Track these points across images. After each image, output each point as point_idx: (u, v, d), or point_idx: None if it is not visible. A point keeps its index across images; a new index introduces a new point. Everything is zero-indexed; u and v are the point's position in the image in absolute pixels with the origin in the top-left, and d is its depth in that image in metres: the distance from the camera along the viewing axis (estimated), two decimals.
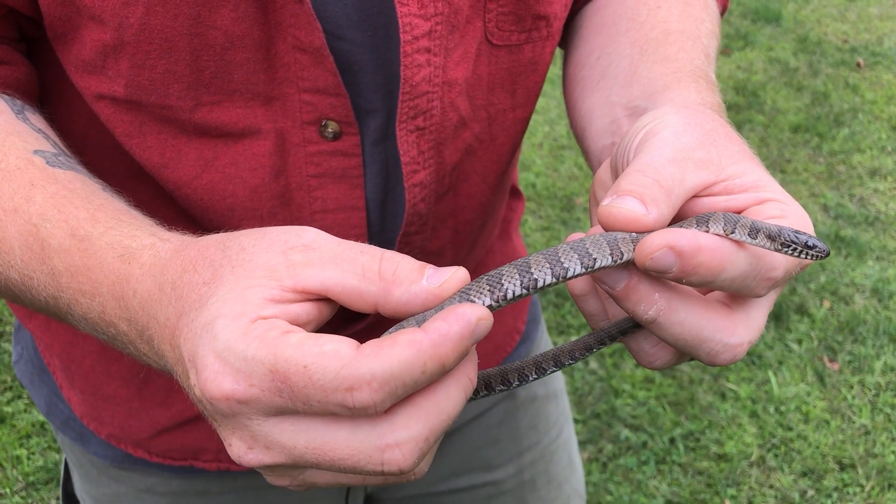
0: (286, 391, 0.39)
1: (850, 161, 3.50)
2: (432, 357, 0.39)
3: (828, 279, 2.80)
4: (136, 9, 0.57)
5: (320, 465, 0.41)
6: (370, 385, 0.38)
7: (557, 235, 3.00)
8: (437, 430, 0.41)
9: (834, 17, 4.94)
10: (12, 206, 0.54)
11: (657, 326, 0.46)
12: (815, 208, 3.18)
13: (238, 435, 0.42)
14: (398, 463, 0.40)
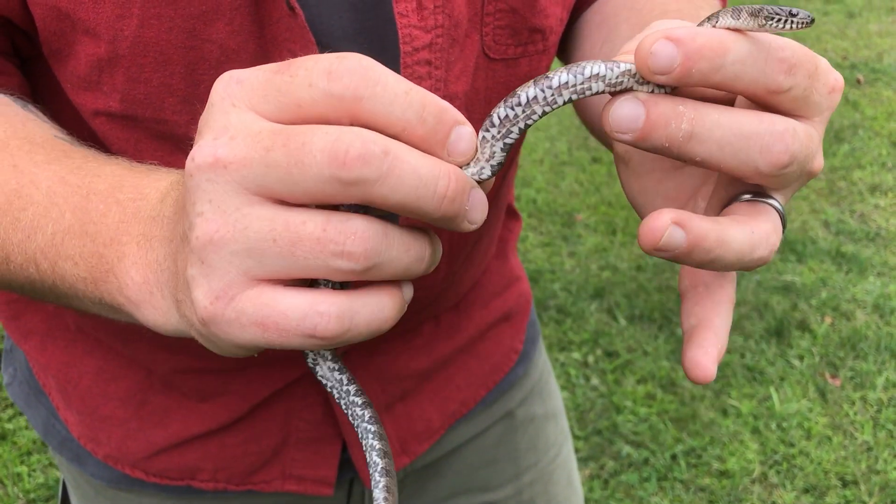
0: (284, 66, 0.38)
1: (851, 177, 3.50)
2: (419, 91, 0.38)
3: (829, 295, 2.80)
4: (131, 21, 0.57)
5: (273, 147, 0.37)
6: (359, 60, 0.37)
7: (559, 251, 3.00)
8: (397, 169, 0.38)
9: (833, 35, 4.96)
10: (48, 159, 0.54)
11: (697, 140, 0.40)
12: (816, 224, 3.18)
13: (213, 128, 0.39)
14: (350, 143, 0.36)
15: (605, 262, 2.95)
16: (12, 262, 0.53)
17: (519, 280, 0.97)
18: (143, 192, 0.48)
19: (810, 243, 3.06)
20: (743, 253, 0.41)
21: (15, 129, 0.57)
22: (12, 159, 0.54)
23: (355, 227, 0.38)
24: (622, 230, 3.13)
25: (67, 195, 0.51)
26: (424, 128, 0.37)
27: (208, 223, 0.38)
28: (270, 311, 0.38)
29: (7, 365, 0.90)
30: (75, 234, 0.49)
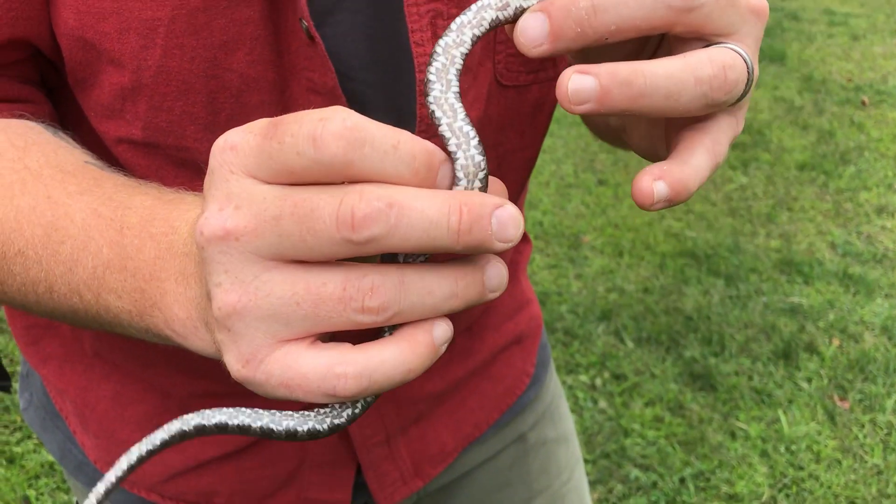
0: (271, 130, 0.38)
1: (857, 199, 3.51)
2: (407, 142, 0.38)
3: (836, 317, 2.79)
4: (154, 52, 0.58)
5: (282, 215, 0.37)
6: (343, 121, 0.37)
7: (565, 273, 3.00)
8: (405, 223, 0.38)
9: (838, 57, 4.99)
10: (80, 189, 0.55)
11: (602, 11, 0.41)
12: (823, 246, 3.19)
13: (217, 197, 0.39)
14: (355, 205, 0.37)
15: (612, 283, 2.96)
16: (56, 293, 0.54)
17: (530, 303, 0.98)
18: (175, 226, 0.49)
19: (817, 265, 3.06)
20: (711, 170, 0.44)
21: (48, 158, 0.58)
22: (46, 190, 0.55)
23: (371, 282, 0.38)
24: (629, 252, 3.13)
25: (102, 229, 0.51)
26: (418, 178, 0.38)
27: (228, 294, 0.39)
28: (294, 374, 0.39)
29: (23, 390, 0.91)
30: (115, 269, 0.50)
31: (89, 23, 0.58)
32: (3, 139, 0.59)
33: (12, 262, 0.55)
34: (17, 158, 0.57)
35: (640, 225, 3.29)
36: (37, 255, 0.54)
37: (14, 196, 0.55)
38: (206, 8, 0.58)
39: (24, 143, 0.59)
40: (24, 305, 0.58)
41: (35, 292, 0.55)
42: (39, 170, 0.57)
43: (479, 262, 0.41)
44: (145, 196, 0.53)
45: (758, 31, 0.45)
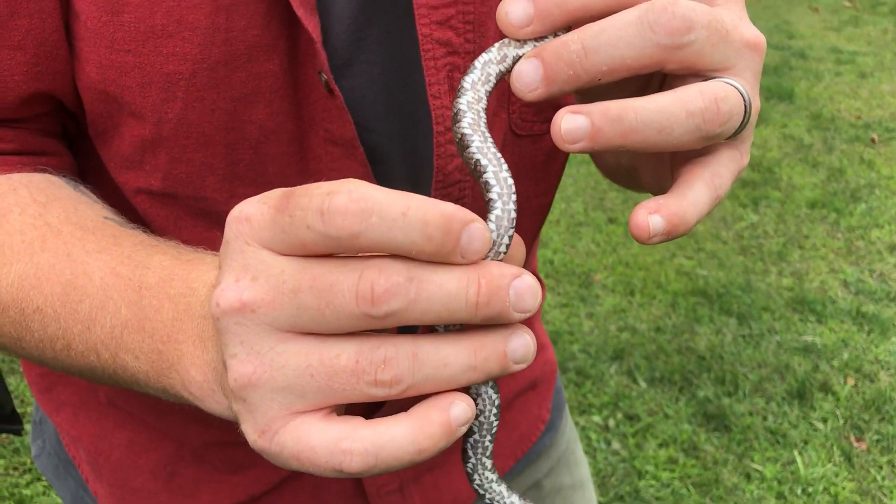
0: (283, 203, 0.37)
1: (869, 236, 3.50)
2: (418, 207, 0.37)
3: (851, 356, 2.77)
4: (175, 105, 0.59)
5: (300, 288, 0.37)
6: (350, 193, 0.36)
7: (577, 312, 2.99)
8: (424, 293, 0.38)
9: (846, 94, 5.00)
10: (99, 247, 0.55)
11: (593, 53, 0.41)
12: (836, 284, 3.17)
13: (233, 268, 0.39)
14: (374, 280, 0.36)
15: (624, 323, 2.94)
16: (73, 350, 0.54)
17: (544, 348, 0.97)
18: (193, 287, 0.49)
19: (830, 303, 3.04)
20: (711, 203, 0.45)
21: (68, 214, 0.58)
22: (66, 247, 0.56)
23: (384, 355, 0.38)
24: (640, 291, 3.12)
25: (120, 289, 0.52)
26: (432, 244, 0.37)
27: (243, 365, 0.39)
28: (303, 447, 0.39)
29: (36, 437, 0.91)
30: (133, 329, 0.50)
31: (111, 77, 0.59)
32: (26, 194, 0.59)
33: (31, 318, 0.55)
34: (39, 214, 0.58)
35: (650, 263, 3.28)
36: (55, 312, 0.54)
37: (34, 253, 0.56)
38: (226, 62, 0.58)
39: (46, 199, 0.59)
40: (41, 361, 0.58)
41: (53, 349, 0.55)
42: (60, 226, 0.57)
43: (502, 333, 0.40)
44: (164, 255, 0.53)
45: (755, 64, 0.45)
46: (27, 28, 0.58)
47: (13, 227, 0.57)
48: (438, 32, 0.60)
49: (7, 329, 0.57)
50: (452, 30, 0.61)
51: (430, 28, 0.60)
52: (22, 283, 0.55)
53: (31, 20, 0.58)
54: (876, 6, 7.23)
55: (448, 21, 0.60)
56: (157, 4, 0.56)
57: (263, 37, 0.58)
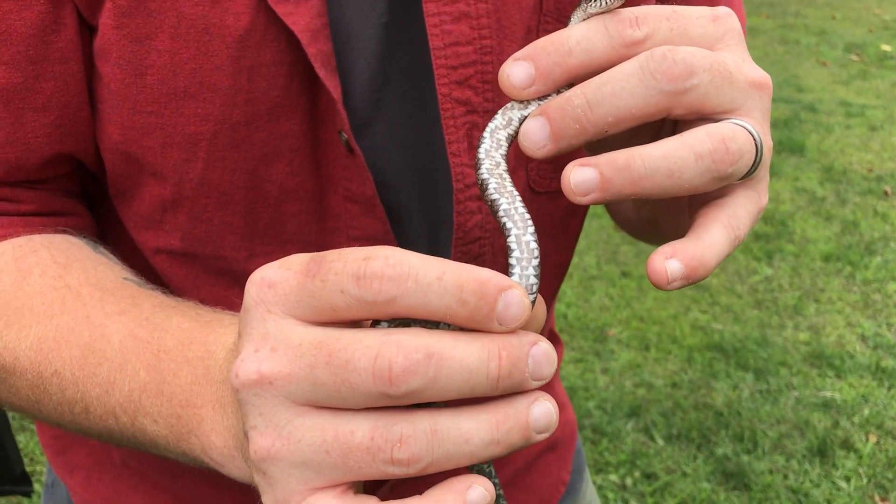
0: (313, 268, 0.37)
1: (885, 290, 3.46)
2: (453, 272, 0.36)
3: (872, 412, 2.72)
4: (196, 165, 0.59)
5: (317, 364, 0.36)
6: (386, 259, 0.36)
7: (592, 368, 2.96)
8: (445, 372, 0.37)
9: (857, 147, 5.01)
10: (118, 309, 0.55)
11: (597, 105, 0.42)
12: (853, 338, 3.13)
13: (253, 337, 0.38)
14: (392, 359, 0.35)
15: (640, 378, 2.91)
16: (91, 414, 0.53)
17: (564, 408, 0.95)
18: (211, 350, 0.48)
19: (848, 358, 3.00)
20: (730, 245, 0.44)
21: (87, 275, 0.58)
22: (85, 309, 0.55)
23: (400, 433, 0.37)
24: (655, 345, 3.09)
25: (139, 351, 0.51)
26: (467, 309, 0.36)
27: (262, 437, 0.38)
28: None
29: (47, 500, 0.89)
30: (152, 393, 0.50)
31: (133, 137, 0.59)
32: (47, 255, 0.59)
33: (49, 382, 0.54)
34: (59, 276, 0.58)
35: (665, 318, 3.26)
36: (74, 375, 0.53)
37: (54, 315, 0.55)
38: (247, 122, 0.58)
39: (66, 260, 0.59)
40: (59, 424, 0.57)
41: (71, 412, 0.55)
42: (79, 288, 0.57)
43: (524, 402, 0.39)
44: (182, 317, 0.53)
45: (762, 103, 0.45)
46: (52, 91, 0.58)
47: (33, 289, 0.57)
48: (458, 92, 0.61)
49: (25, 392, 0.56)
50: (471, 89, 0.61)
51: (449, 87, 0.60)
52: (41, 345, 0.55)
53: (55, 83, 0.58)
54: (883, 60, 7.29)
55: (467, 80, 0.61)
56: (179, 67, 0.57)
57: (284, 97, 0.59)
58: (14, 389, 0.57)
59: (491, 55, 0.61)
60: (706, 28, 0.44)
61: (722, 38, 0.45)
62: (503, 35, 0.61)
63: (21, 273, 0.58)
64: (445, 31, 0.59)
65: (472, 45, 0.60)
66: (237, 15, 0.56)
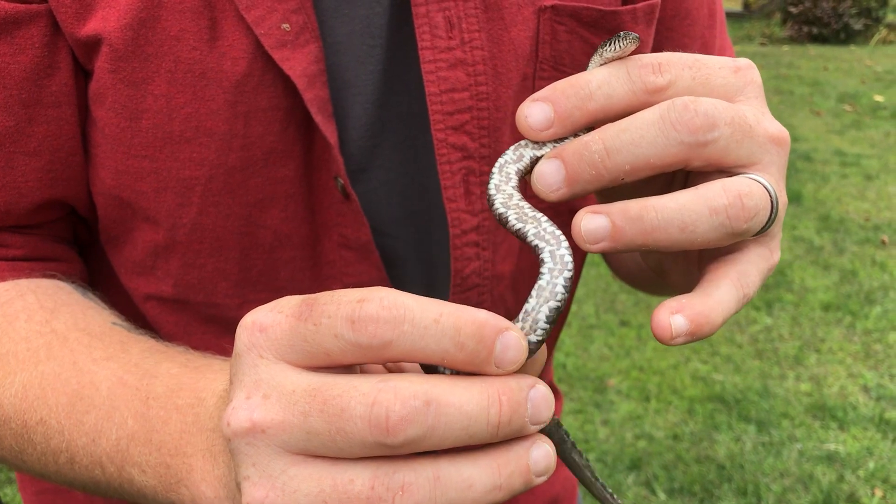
0: (306, 311, 0.35)
1: (886, 339, 3.44)
2: (450, 314, 0.35)
3: (877, 465, 2.67)
4: (190, 210, 0.58)
5: (310, 412, 0.35)
6: (381, 301, 0.34)
7: (591, 419, 2.91)
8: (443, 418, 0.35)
9: (854, 196, 5.03)
10: (106, 355, 0.53)
11: (615, 153, 0.41)
12: (856, 389, 3.09)
13: (244, 384, 0.37)
14: (389, 407, 0.34)
15: (641, 430, 2.86)
16: (77, 464, 0.51)
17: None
18: (201, 397, 0.47)
19: (851, 410, 2.96)
20: (738, 303, 0.43)
21: (75, 320, 0.56)
22: (72, 355, 0.53)
23: (402, 481, 0.35)
24: (656, 396, 3.05)
25: (128, 399, 0.49)
26: (465, 352, 0.35)
27: (256, 488, 0.36)
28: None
29: None
30: (140, 442, 0.48)
31: (127, 182, 0.58)
32: (33, 300, 0.58)
33: (33, 431, 0.53)
34: (45, 321, 0.56)
35: (665, 368, 3.22)
36: (59, 424, 0.52)
37: (39, 362, 0.54)
38: (243, 167, 0.58)
39: (54, 305, 0.58)
40: (42, 475, 0.55)
41: (55, 462, 0.52)
42: (66, 333, 0.55)
43: (523, 445, 0.37)
44: (172, 363, 0.51)
45: (780, 159, 0.45)
46: (44, 135, 0.57)
47: (18, 335, 0.55)
48: (454, 138, 0.60)
49: (8, 441, 0.55)
50: (468, 135, 0.61)
51: (445, 133, 0.60)
52: (26, 393, 0.53)
53: (48, 127, 0.57)
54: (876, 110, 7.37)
55: (463, 126, 0.60)
56: (175, 111, 0.56)
57: (280, 142, 0.58)
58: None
59: (487, 101, 0.61)
60: (728, 79, 0.44)
61: (742, 90, 0.44)
62: (499, 82, 0.61)
63: (6, 318, 0.57)
64: (441, 77, 0.59)
65: (468, 91, 0.60)
66: (234, 60, 0.55)
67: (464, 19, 0.59)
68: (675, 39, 0.72)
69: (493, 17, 0.60)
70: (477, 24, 0.60)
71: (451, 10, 0.59)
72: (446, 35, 0.59)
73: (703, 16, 0.73)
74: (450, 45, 0.59)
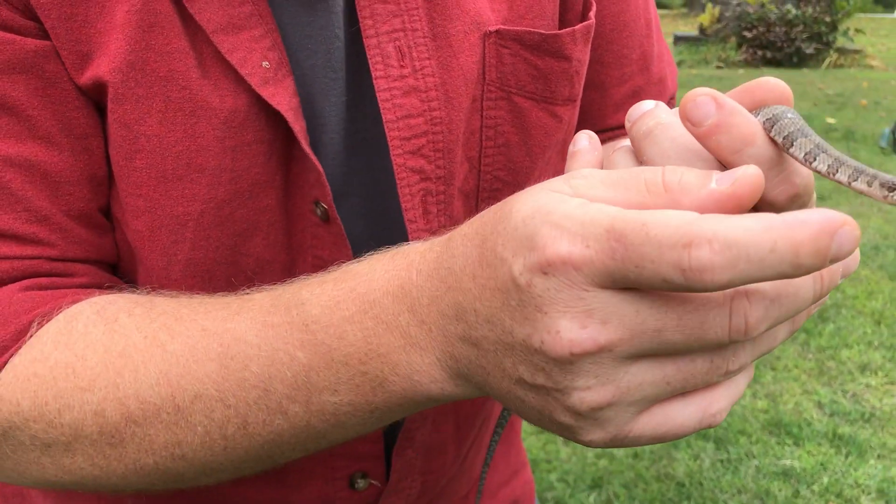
0: (619, 251, 0.36)
1: (839, 356, 3.52)
2: (784, 237, 0.34)
3: (831, 480, 2.73)
4: (184, 246, 0.60)
5: (665, 328, 0.37)
6: (710, 244, 0.34)
7: (554, 439, 2.94)
8: (785, 308, 0.39)
9: None
10: (232, 312, 0.53)
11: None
12: (810, 405, 3.16)
13: (570, 314, 0.38)
14: (746, 313, 0.38)
15: (602, 449, 2.89)
16: (251, 424, 0.51)
17: (524, 467, 0.98)
18: (370, 300, 0.48)
19: (806, 426, 3.03)
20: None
21: (177, 301, 0.56)
22: (198, 325, 0.53)
23: (733, 350, 0.40)
24: None
25: (284, 335, 0.50)
26: (802, 270, 0.35)
27: (600, 393, 0.40)
28: (668, 428, 0.41)
29: None
30: (320, 367, 0.48)
31: (125, 220, 0.61)
32: (124, 301, 0.57)
33: (190, 411, 0.51)
34: (147, 311, 0.55)
35: None
36: (219, 391, 0.50)
37: (165, 343, 0.52)
38: (230, 200, 0.60)
39: (146, 299, 0.57)
40: (204, 464, 0.53)
41: (224, 437, 0.51)
42: (177, 311, 0.54)
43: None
44: (306, 288, 0.51)
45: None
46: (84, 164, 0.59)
47: (129, 329, 0.54)
48: (412, 161, 0.63)
49: (162, 438, 0.52)
50: (424, 158, 0.64)
51: (404, 158, 0.63)
52: (167, 377, 0.51)
53: (83, 157, 0.60)
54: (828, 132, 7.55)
55: (420, 150, 0.63)
56: (167, 150, 0.58)
57: (264, 173, 0.61)
58: (147, 443, 0.52)
59: (441, 125, 0.63)
60: None
61: None
62: (451, 106, 0.64)
63: (108, 321, 0.55)
64: (397, 104, 0.62)
65: (422, 116, 0.63)
66: (221, 97, 0.58)
67: (414, 48, 0.62)
68: (615, 51, 0.76)
69: (441, 44, 0.63)
70: (427, 52, 0.63)
71: (401, 40, 0.62)
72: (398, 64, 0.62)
73: (641, 26, 0.77)
74: (402, 74, 0.62)
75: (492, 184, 0.69)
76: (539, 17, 0.68)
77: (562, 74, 0.68)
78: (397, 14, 0.62)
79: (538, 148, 0.69)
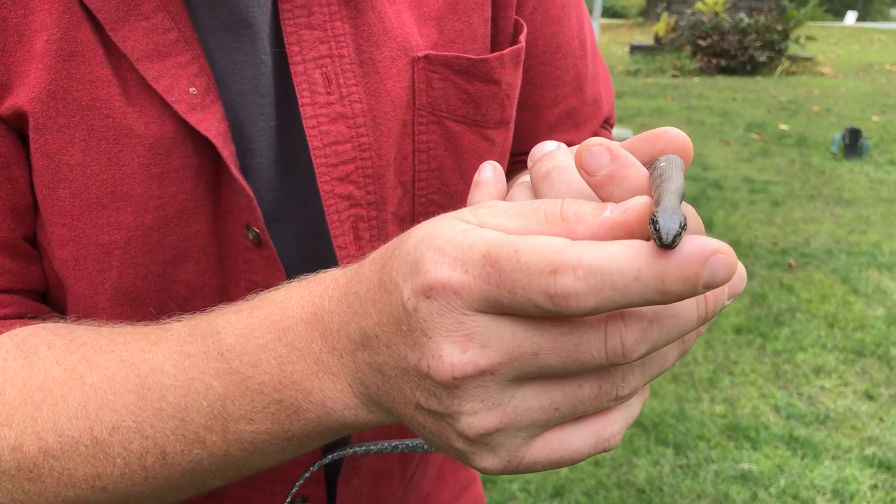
0: (494, 276, 0.37)
1: (795, 360, 3.58)
2: (649, 265, 0.35)
3: (787, 482, 2.77)
4: (111, 274, 0.59)
5: (541, 351, 0.38)
6: (574, 271, 0.35)
7: None
8: (666, 330, 0.38)
9: (762, 222, 5.23)
10: (150, 342, 0.52)
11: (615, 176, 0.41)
12: (767, 409, 3.21)
13: (451, 338, 0.38)
14: (622, 334, 0.37)
15: None
16: (170, 455, 0.50)
17: (474, 482, 0.97)
18: (284, 327, 0.48)
19: (763, 429, 3.07)
20: None
21: (97, 331, 0.56)
22: (116, 356, 0.52)
23: (622, 375, 0.41)
24: None
25: (200, 365, 0.49)
26: (671, 297, 0.36)
27: (486, 419, 0.40)
28: (561, 454, 0.42)
29: None
30: (235, 396, 0.48)
31: (50, 250, 0.60)
32: (45, 333, 0.57)
33: (108, 443, 0.51)
34: (68, 343, 0.55)
35: None
36: (136, 422, 0.50)
37: (84, 375, 0.52)
38: (158, 227, 0.59)
39: (67, 330, 0.57)
40: (126, 497, 0.52)
41: (143, 467, 0.51)
42: (96, 342, 0.54)
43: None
44: (221, 318, 0.51)
45: None
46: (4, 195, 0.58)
47: (48, 362, 0.53)
48: (340, 188, 0.63)
49: (81, 471, 0.51)
50: (353, 184, 0.64)
51: (331, 185, 0.63)
52: (85, 410, 0.51)
53: (4, 187, 0.58)
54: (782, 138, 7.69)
55: (348, 176, 0.63)
56: (91, 178, 0.57)
57: (192, 199, 0.60)
58: (66, 476, 0.52)
59: (370, 151, 0.64)
60: None
61: None
62: (380, 132, 0.64)
63: (27, 354, 0.54)
64: (323, 131, 0.62)
65: (350, 143, 0.63)
66: (146, 124, 0.57)
67: (340, 75, 0.62)
68: (548, 73, 0.77)
69: (368, 70, 0.63)
70: (354, 79, 0.63)
71: (327, 67, 0.62)
72: (325, 91, 0.62)
73: (575, 47, 0.78)
74: (329, 100, 0.62)
75: (427, 207, 0.69)
76: (469, 41, 0.68)
77: (492, 98, 0.68)
78: (324, 40, 0.62)
79: (471, 171, 0.69)
